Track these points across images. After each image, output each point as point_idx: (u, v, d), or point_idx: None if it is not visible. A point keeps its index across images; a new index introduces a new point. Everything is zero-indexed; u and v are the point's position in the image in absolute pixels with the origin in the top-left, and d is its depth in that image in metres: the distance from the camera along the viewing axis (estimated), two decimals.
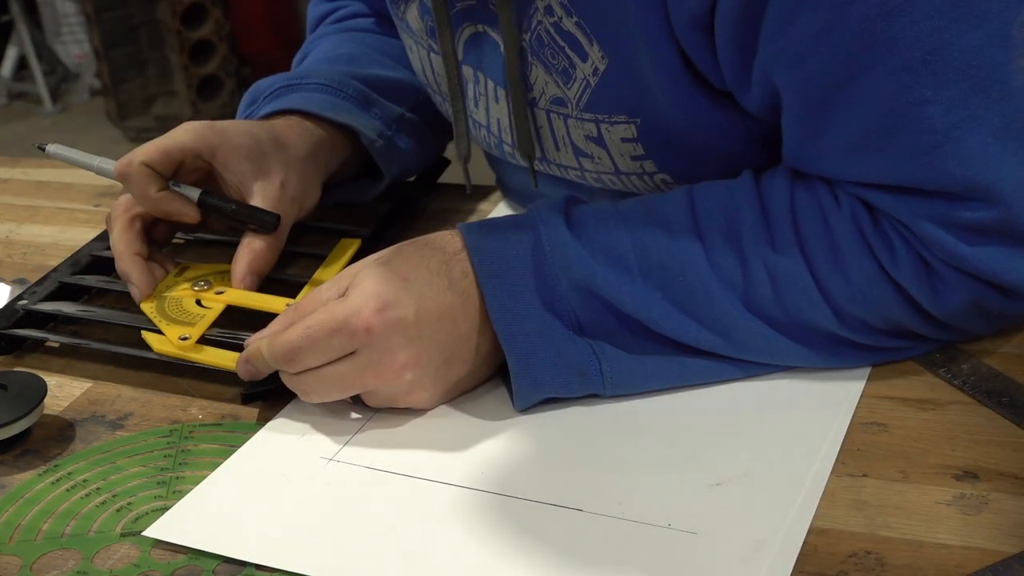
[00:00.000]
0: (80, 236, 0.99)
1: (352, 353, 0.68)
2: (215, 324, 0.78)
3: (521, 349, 0.69)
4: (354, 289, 0.69)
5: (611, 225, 0.72)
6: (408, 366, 0.69)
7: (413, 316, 0.68)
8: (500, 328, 0.70)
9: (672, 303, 0.70)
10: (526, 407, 0.71)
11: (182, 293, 0.81)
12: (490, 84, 0.83)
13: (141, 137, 3.58)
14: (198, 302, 0.80)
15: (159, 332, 0.78)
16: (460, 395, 0.73)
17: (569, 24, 0.75)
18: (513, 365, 0.69)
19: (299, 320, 0.69)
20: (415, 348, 0.69)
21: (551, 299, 0.70)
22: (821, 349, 0.71)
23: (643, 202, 0.73)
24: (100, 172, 0.87)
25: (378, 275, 0.70)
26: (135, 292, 0.81)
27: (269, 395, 0.74)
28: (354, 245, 0.87)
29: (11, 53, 4.19)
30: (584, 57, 0.75)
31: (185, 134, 0.82)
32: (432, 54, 0.87)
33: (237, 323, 0.78)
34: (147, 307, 0.80)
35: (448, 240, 0.72)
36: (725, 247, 0.70)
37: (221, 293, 0.81)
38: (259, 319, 0.73)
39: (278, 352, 0.69)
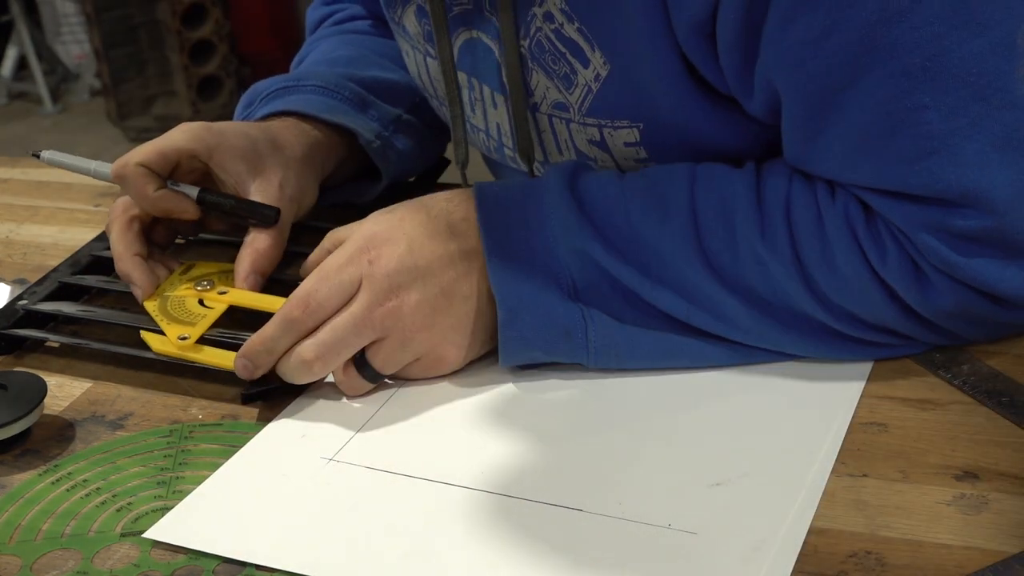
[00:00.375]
0: (80, 236, 0.99)
1: (358, 291, 0.71)
2: (217, 324, 0.78)
3: (512, 303, 0.71)
4: (356, 232, 0.74)
5: (611, 197, 0.72)
6: (403, 287, 0.71)
7: (406, 247, 0.72)
8: (495, 279, 0.71)
9: (662, 282, 0.71)
10: (511, 364, 0.72)
11: (185, 292, 0.81)
12: (486, 89, 0.83)
13: (141, 137, 3.58)
14: (201, 302, 0.80)
15: (159, 331, 0.78)
16: (480, 348, 0.74)
17: (571, 31, 0.75)
18: (502, 316, 0.71)
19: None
20: (411, 275, 0.71)
21: (549, 260, 0.71)
22: (811, 337, 0.71)
23: (646, 176, 0.74)
24: (96, 175, 0.87)
25: (377, 219, 0.75)
26: (137, 292, 0.81)
27: (269, 395, 0.74)
28: None
29: (11, 53, 4.19)
30: (586, 63, 0.75)
31: (181, 135, 0.83)
32: (428, 59, 0.87)
33: (239, 323, 0.78)
34: (150, 306, 0.80)
35: (456, 192, 0.76)
36: (718, 230, 0.70)
37: (224, 293, 0.81)
38: (261, 319, 0.73)
39: (294, 303, 0.71)
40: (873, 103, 0.65)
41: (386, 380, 0.74)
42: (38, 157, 0.89)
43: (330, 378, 0.74)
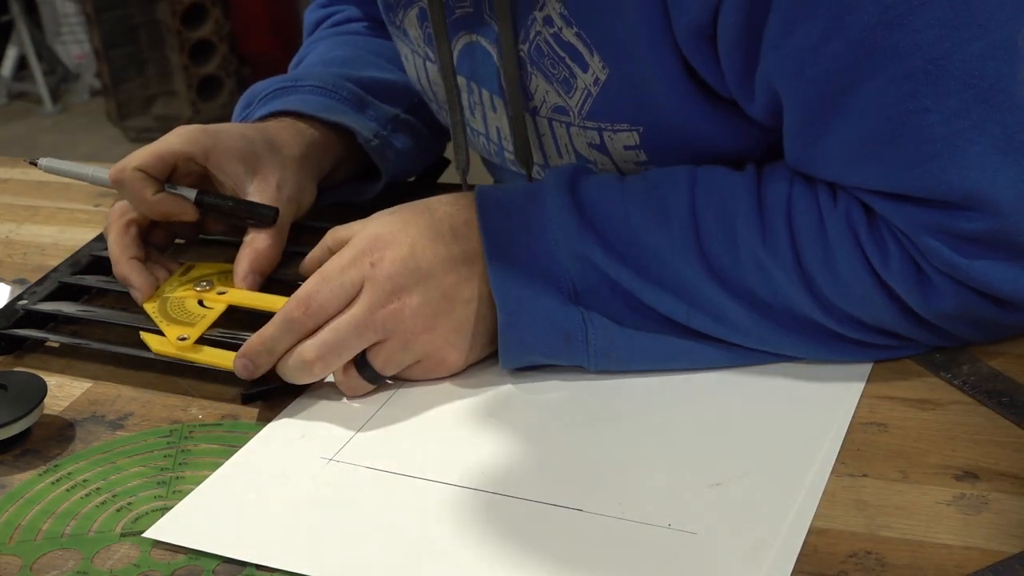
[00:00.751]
0: (80, 236, 0.99)
1: (360, 294, 0.71)
2: (216, 324, 0.78)
3: (512, 306, 0.71)
4: (358, 234, 0.74)
5: (612, 201, 0.72)
6: (405, 290, 0.71)
7: (408, 250, 0.72)
8: (495, 283, 0.71)
9: (662, 285, 0.71)
10: (512, 367, 0.72)
11: (184, 293, 0.81)
12: (485, 93, 0.83)
13: (141, 137, 3.58)
14: (200, 302, 0.80)
15: (158, 332, 0.78)
16: (481, 351, 0.74)
17: (569, 35, 0.75)
18: (502, 320, 0.71)
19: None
20: (413, 278, 0.71)
21: (550, 263, 0.71)
22: (811, 340, 0.71)
23: (647, 179, 0.74)
24: (94, 181, 0.88)
25: (380, 221, 0.75)
26: (136, 295, 0.81)
27: (269, 395, 0.74)
28: None
29: (11, 53, 4.19)
30: (584, 67, 0.75)
31: (177, 138, 0.83)
32: (428, 63, 0.87)
33: (239, 323, 0.78)
34: (149, 307, 0.80)
35: (459, 195, 0.76)
36: (719, 233, 0.70)
37: (223, 293, 0.81)
38: (261, 319, 0.73)
39: (294, 304, 0.71)
40: (875, 107, 0.65)
41: (386, 380, 0.74)
42: (36, 165, 0.90)
43: (330, 378, 0.74)
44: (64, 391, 0.77)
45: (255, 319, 0.75)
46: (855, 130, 0.66)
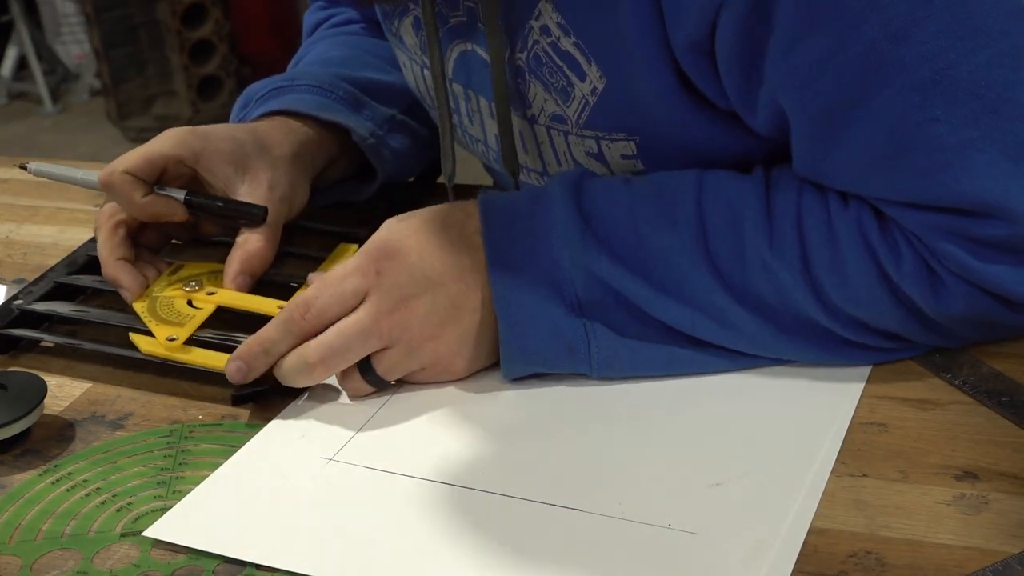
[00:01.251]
0: (80, 236, 0.99)
1: (365, 300, 0.71)
2: (207, 325, 0.78)
3: (514, 317, 0.71)
4: (368, 241, 0.74)
5: (618, 206, 0.72)
6: (412, 298, 0.71)
7: (416, 258, 0.72)
8: (497, 294, 0.71)
9: (668, 291, 0.70)
10: (514, 377, 0.72)
11: (173, 293, 0.81)
12: (482, 101, 0.83)
13: (141, 137, 3.57)
14: (189, 303, 0.80)
15: (148, 333, 0.78)
16: (487, 359, 0.73)
17: (567, 44, 0.75)
18: (503, 332, 0.71)
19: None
20: (420, 287, 0.71)
21: (553, 273, 0.71)
22: (815, 344, 0.71)
23: (653, 183, 0.73)
24: (84, 184, 0.88)
25: (391, 226, 0.74)
26: (126, 295, 0.81)
27: (259, 396, 0.73)
28: (352, 248, 0.86)
29: (11, 53, 4.19)
30: (582, 77, 0.75)
31: (167, 140, 0.83)
32: (425, 70, 0.87)
33: (229, 324, 0.78)
34: (139, 307, 0.80)
35: (470, 204, 0.75)
36: (726, 237, 0.70)
37: (212, 294, 0.80)
38: (252, 320, 0.73)
39: (294, 306, 0.71)
40: (884, 120, 0.65)
41: (389, 384, 0.74)
42: (26, 169, 0.90)
43: (331, 379, 0.74)
44: (64, 391, 0.77)
45: (245, 320, 0.75)
46: (865, 143, 0.66)
